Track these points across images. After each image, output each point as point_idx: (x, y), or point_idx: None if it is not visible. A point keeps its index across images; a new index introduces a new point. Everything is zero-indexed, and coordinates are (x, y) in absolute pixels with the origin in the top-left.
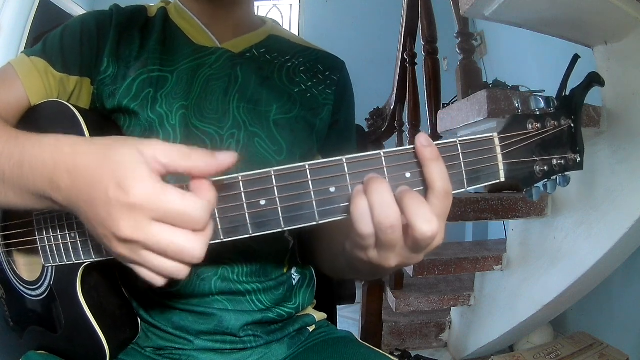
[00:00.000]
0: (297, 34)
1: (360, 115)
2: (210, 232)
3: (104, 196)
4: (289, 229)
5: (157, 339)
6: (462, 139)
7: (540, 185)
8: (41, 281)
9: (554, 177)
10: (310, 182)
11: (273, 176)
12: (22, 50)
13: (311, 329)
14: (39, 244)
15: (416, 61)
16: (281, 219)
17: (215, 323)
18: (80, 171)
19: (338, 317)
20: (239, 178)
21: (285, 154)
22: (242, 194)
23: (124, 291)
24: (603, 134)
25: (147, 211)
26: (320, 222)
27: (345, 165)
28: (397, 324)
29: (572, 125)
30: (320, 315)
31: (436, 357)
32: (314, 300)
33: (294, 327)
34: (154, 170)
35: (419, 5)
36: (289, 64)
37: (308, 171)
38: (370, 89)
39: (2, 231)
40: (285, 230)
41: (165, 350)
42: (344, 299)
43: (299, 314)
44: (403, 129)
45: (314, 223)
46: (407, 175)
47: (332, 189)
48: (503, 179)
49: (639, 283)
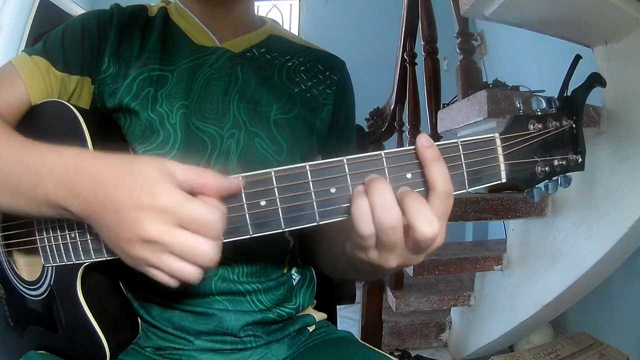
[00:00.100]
0: (297, 34)
1: (360, 115)
2: (221, 241)
3: (132, 200)
4: (290, 229)
5: (157, 339)
6: (463, 139)
7: (542, 186)
8: (41, 281)
9: (555, 177)
10: (310, 182)
11: (273, 177)
12: (23, 49)
13: (311, 329)
14: (39, 244)
15: (416, 61)
16: (282, 220)
17: (216, 323)
18: (104, 176)
19: (338, 317)
20: (239, 179)
21: (286, 154)
22: (243, 194)
23: (124, 291)
24: (603, 134)
25: (174, 216)
26: (320, 222)
27: (346, 165)
28: (397, 324)
29: (574, 125)
30: (320, 316)
31: (436, 357)
32: (314, 301)
33: (294, 327)
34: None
35: (419, 5)
36: (289, 63)
37: (309, 172)
38: (370, 89)
39: (2, 231)
40: (286, 230)
41: (165, 350)
42: (344, 299)
43: (299, 314)
44: (403, 129)
45: (315, 224)
46: (408, 176)
47: (333, 190)
48: (504, 180)
49: (639, 283)
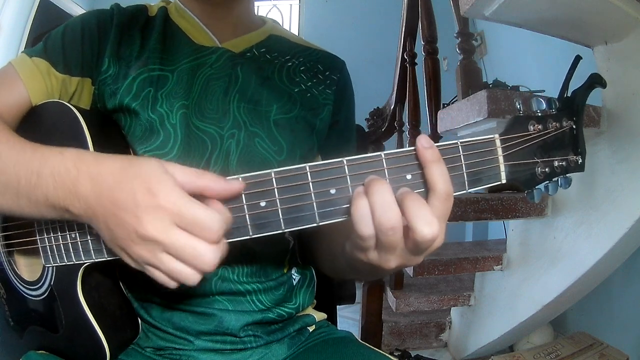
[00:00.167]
0: (297, 34)
1: (360, 115)
2: (223, 246)
3: (132, 198)
4: (290, 230)
5: (157, 339)
6: (463, 140)
7: (542, 186)
8: (42, 281)
9: (555, 178)
10: (310, 183)
11: (273, 178)
12: (23, 50)
13: (311, 329)
14: (39, 245)
15: (416, 61)
16: (281, 221)
17: (216, 323)
18: (104, 177)
19: (338, 317)
20: (239, 179)
21: (286, 154)
22: (243, 195)
23: (124, 291)
24: (603, 134)
25: (172, 215)
26: (320, 223)
27: (346, 166)
28: (397, 324)
29: (574, 126)
30: (320, 316)
31: (436, 357)
32: (314, 301)
33: (294, 327)
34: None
35: (419, 5)
36: (289, 63)
37: (308, 173)
38: (370, 89)
39: (2, 231)
40: (286, 231)
41: (165, 350)
42: (344, 299)
43: (299, 314)
44: (403, 129)
45: (315, 224)
46: (408, 177)
47: (333, 191)
48: (504, 181)
49: (639, 283)
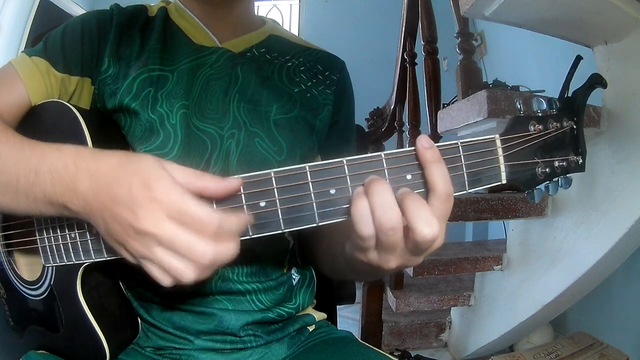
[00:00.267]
0: (297, 34)
1: (360, 115)
2: (226, 249)
3: (128, 193)
4: (289, 230)
5: (157, 338)
6: (464, 140)
7: (542, 187)
8: (41, 281)
9: (555, 179)
10: (310, 183)
11: (273, 178)
12: (22, 49)
13: (311, 328)
14: (39, 244)
15: (416, 61)
16: (281, 221)
17: (216, 323)
18: (102, 173)
19: (338, 317)
20: (238, 179)
21: (286, 154)
22: (242, 195)
23: (124, 291)
24: (603, 134)
25: (166, 208)
26: (320, 223)
27: (346, 167)
28: (397, 324)
29: (574, 126)
30: (320, 315)
31: (436, 357)
32: (314, 300)
33: (294, 327)
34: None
35: (419, 5)
36: (289, 64)
37: (308, 173)
38: (370, 89)
39: (2, 231)
40: (285, 231)
41: (165, 350)
42: (344, 299)
43: (299, 313)
44: (403, 129)
45: (314, 225)
46: (408, 177)
47: (333, 191)
48: (505, 181)
49: (639, 283)
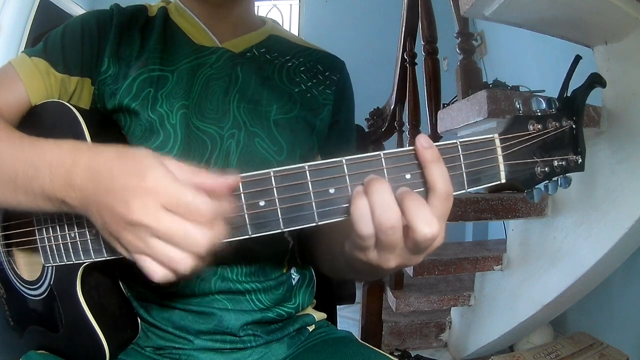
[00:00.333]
0: (297, 34)
1: (360, 115)
2: (218, 232)
3: (121, 184)
4: (289, 229)
5: (157, 338)
6: (463, 140)
7: (541, 186)
8: (41, 281)
9: (555, 178)
10: (309, 183)
11: (272, 177)
12: (23, 49)
13: (311, 328)
14: (39, 244)
15: (416, 61)
16: (281, 220)
17: (215, 322)
18: (99, 166)
19: (338, 317)
20: (238, 179)
21: (286, 154)
22: (242, 194)
23: (123, 291)
24: (603, 134)
25: (159, 197)
26: (319, 223)
27: (345, 166)
28: (397, 324)
29: (574, 126)
30: (320, 315)
31: (436, 357)
32: (314, 300)
33: (294, 327)
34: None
35: (419, 5)
36: (289, 64)
37: (308, 172)
38: (370, 89)
39: (2, 231)
40: (285, 231)
41: (165, 349)
42: (344, 299)
43: (298, 313)
44: (403, 129)
45: (314, 224)
46: (407, 176)
47: (332, 190)
48: (504, 180)
49: (639, 283)
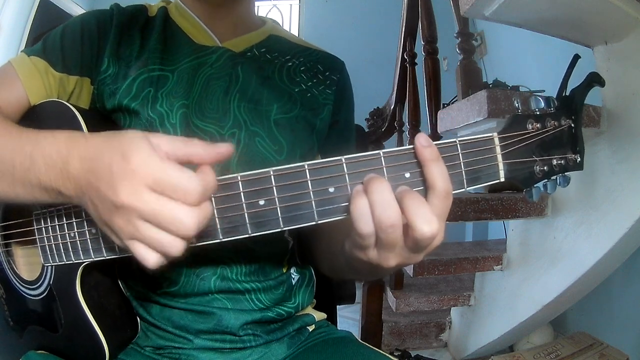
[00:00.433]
0: (297, 34)
1: (360, 115)
2: (206, 211)
3: (107, 168)
4: (288, 228)
5: (156, 338)
6: (462, 138)
7: (540, 185)
8: (41, 281)
9: (554, 177)
10: (309, 182)
11: (272, 176)
12: (22, 49)
13: (311, 328)
14: (38, 244)
15: (416, 61)
16: (280, 219)
17: (215, 322)
18: (90, 154)
19: (338, 317)
20: (237, 178)
21: (286, 153)
22: (241, 193)
23: (123, 290)
24: (603, 134)
25: (144, 178)
26: (319, 222)
27: (345, 165)
28: (397, 324)
29: (573, 125)
30: (320, 315)
31: (436, 357)
32: (314, 300)
33: (294, 327)
34: (158, 153)
35: (419, 5)
36: (290, 63)
37: (307, 171)
38: (370, 89)
39: (2, 230)
40: (285, 230)
41: (164, 349)
42: (344, 299)
43: (298, 313)
44: (403, 129)
45: (313, 223)
46: (407, 175)
47: (331, 189)
48: (503, 179)
49: (639, 283)
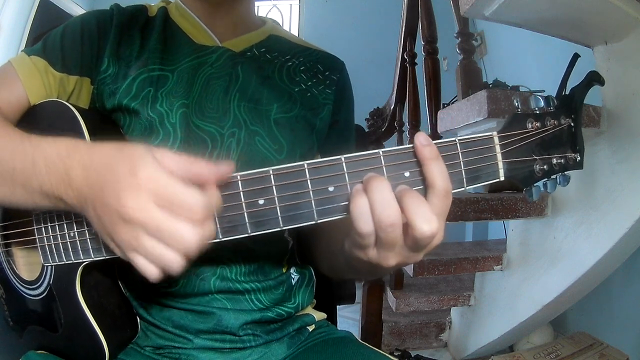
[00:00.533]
0: (297, 34)
1: (360, 115)
2: (208, 230)
3: (114, 180)
4: (288, 228)
5: (156, 338)
6: (462, 138)
7: (540, 184)
8: (40, 281)
9: (553, 176)
10: (308, 181)
11: (272, 175)
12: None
13: (311, 328)
14: (38, 244)
15: (416, 61)
16: (280, 218)
17: (215, 322)
18: (95, 164)
19: (338, 317)
20: (237, 177)
21: (286, 153)
22: (241, 193)
23: (123, 290)
24: (603, 134)
25: (152, 194)
26: (318, 221)
27: (344, 164)
28: (397, 324)
29: (572, 124)
30: (320, 315)
31: (436, 357)
32: (314, 300)
33: (294, 327)
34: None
35: (419, 5)
36: (289, 63)
37: (307, 170)
38: (370, 89)
39: (1, 230)
40: (284, 229)
41: (164, 349)
42: (344, 299)
43: (298, 313)
44: (403, 129)
45: (313, 222)
46: (406, 174)
47: (331, 188)
48: (502, 178)
49: (639, 283)
